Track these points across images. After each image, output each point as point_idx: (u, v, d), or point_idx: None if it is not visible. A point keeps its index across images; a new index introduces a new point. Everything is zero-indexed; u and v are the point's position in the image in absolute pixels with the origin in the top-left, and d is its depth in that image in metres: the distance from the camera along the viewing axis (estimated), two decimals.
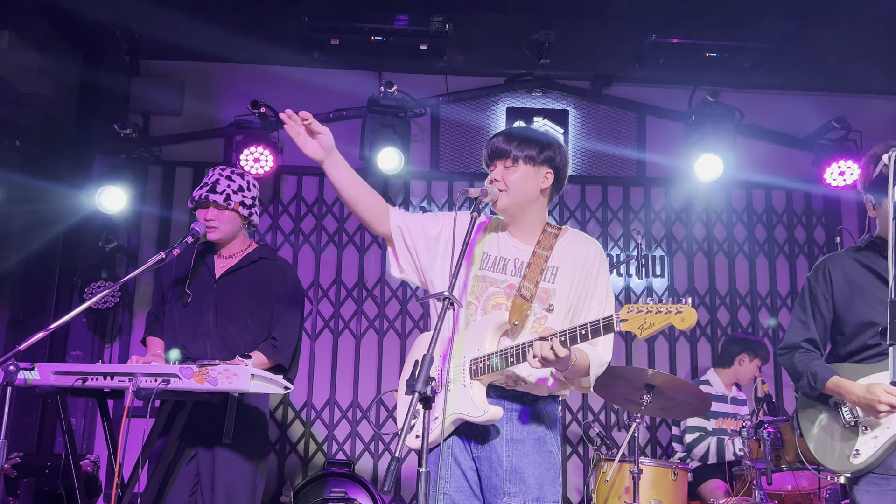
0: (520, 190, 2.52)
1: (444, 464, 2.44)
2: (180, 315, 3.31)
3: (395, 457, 1.95)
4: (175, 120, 5.38)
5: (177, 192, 5.33)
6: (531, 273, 2.48)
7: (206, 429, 3.07)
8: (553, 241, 2.54)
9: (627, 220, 5.51)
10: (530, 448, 2.42)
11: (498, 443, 2.43)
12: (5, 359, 2.64)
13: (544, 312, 2.47)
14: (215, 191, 3.27)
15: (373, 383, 5.24)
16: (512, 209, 2.55)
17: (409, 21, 5.07)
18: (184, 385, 2.75)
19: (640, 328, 2.19)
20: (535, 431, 2.45)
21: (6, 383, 2.63)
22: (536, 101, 5.62)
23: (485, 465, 2.43)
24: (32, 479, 4.00)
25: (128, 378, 2.78)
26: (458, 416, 2.39)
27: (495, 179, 2.53)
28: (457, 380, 2.43)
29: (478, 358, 2.40)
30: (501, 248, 2.57)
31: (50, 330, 2.79)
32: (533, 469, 2.40)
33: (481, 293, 2.51)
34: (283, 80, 5.43)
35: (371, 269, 5.40)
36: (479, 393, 2.39)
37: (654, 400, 3.92)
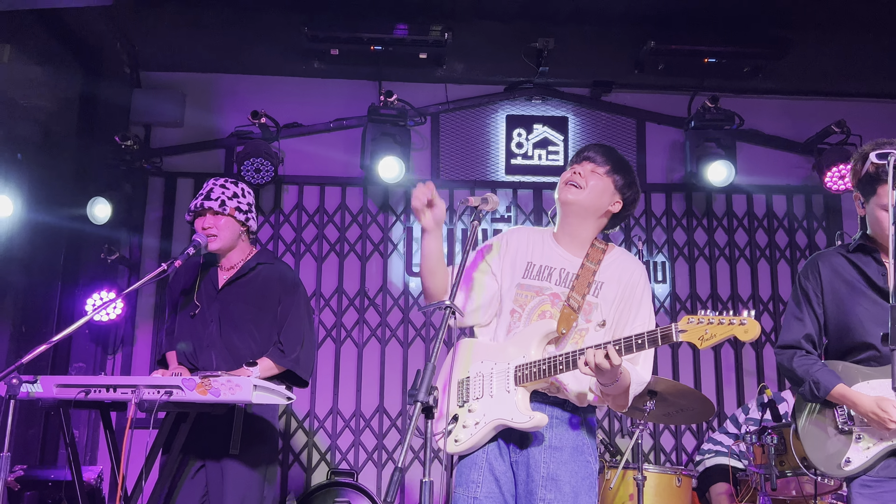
0: (594, 195, 2.55)
1: (477, 469, 2.45)
2: (187, 327, 3.32)
3: (398, 467, 1.95)
4: (176, 131, 5.40)
5: (178, 203, 5.34)
6: (579, 285, 2.50)
7: (214, 440, 3.06)
8: (601, 255, 2.56)
9: (628, 226, 5.51)
10: (568, 456, 2.43)
11: (536, 449, 2.43)
12: (8, 372, 2.65)
13: (585, 324, 2.49)
14: (210, 198, 3.30)
15: (375, 392, 5.23)
16: (577, 209, 2.56)
17: (409, 30, 5.10)
18: (186, 397, 2.75)
19: (701, 339, 2.20)
20: (574, 440, 2.47)
21: (9, 396, 2.63)
22: (536, 108, 5.63)
23: (522, 470, 2.44)
24: (35, 492, 3.99)
25: (130, 390, 2.78)
26: (502, 421, 2.41)
27: (577, 173, 2.55)
28: (499, 386, 2.45)
29: (524, 364, 2.41)
30: (546, 256, 2.59)
31: (52, 342, 2.79)
32: (570, 477, 2.40)
33: (525, 302, 2.54)
34: (283, 90, 5.46)
35: (372, 277, 5.40)
36: (524, 399, 2.42)
37: (658, 406, 3.92)
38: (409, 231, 5.45)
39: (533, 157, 5.54)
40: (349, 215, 5.47)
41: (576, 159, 2.62)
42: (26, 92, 5.03)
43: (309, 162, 5.41)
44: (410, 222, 5.46)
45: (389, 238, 5.46)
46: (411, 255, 5.42)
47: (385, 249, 5.44)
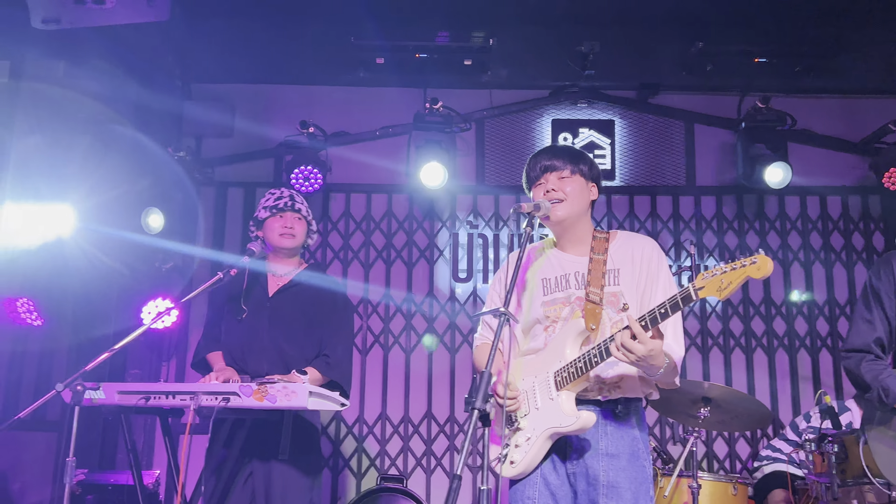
0: (578, 199, 2.59)
1: (532, 484, 2.45)
2: (236, 332, 3.37)
3: (456, 474, 1.95)
4: (226, 142, 5.50)
5: (229, 212, 5.45)
6: (594, 279, 2.52)
7: (262, 444, 3.11)
8: (606, 244, 2.59)
9: (678, 230, 5.44)
10: (626, 463, 2.43)
11: (594, 457, 2.44)
12: (73, 379, 2.72)
13: (618, 315, 2.49)
14: (295, 201, 3.41)
15: (423, 398, 5.24)
16: (570, 219, 2.59)
17: (451, 37, 5.12)
18: (243, 403, 2.79)
19: (719, 290, 2.18)
20: (629, 446, 2.46)
21: (74, 403, 2.71)
22: (582, 112, 5.60)
23: (581, 480, 2.44)
24: (95, 495, 4.09)
25: (189, 397, 2.84)
26: (552, 429, 2.40)
27: (552, 190, 2.57)
28: (543, 396, 2.45)
29: (561, 368, 2.43)
30: (556, 267, 2.62)
31: (114, 350, 2.86)
32: (629, 484, 2.40)
33: (558, 314, 2.56)
34: (330, 99, 5.53)
35: (419, 284, 5.42)
36: (569, 401, 2.42)
37: (712, 413, 3.85)
38: (455, 237, 5.45)
39: None
40: (395, 222, 5.51)
41: (537, 174, 2.62)
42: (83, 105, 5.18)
43: (356, 170, 5.46)
44: (456, 228, 5.47)
45: (435, 244, 5.47)
46: (457, 261, 5.42)
47: (431, 256, 5.46)
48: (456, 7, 5.15)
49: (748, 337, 5.29)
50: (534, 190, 2.63)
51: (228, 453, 3.02)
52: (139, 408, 2.94)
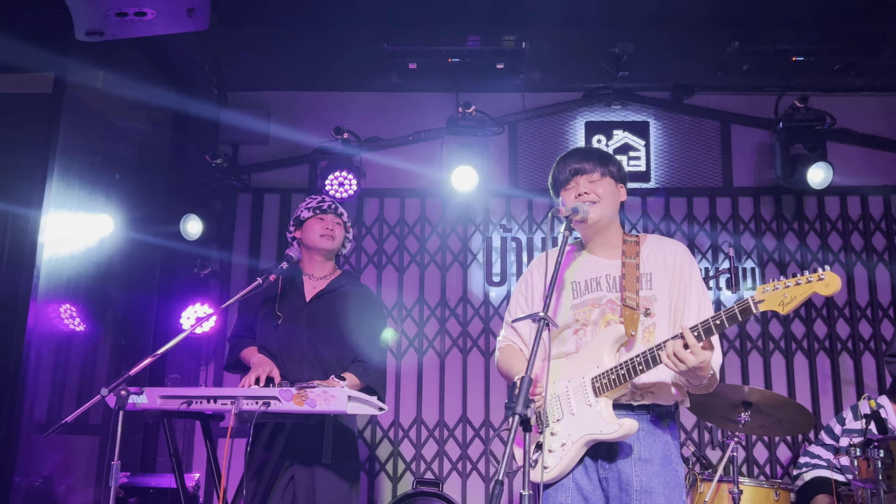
0: (609, 201, 2.58)
1: (564, 490, 2.43)
2: (274, 337, 3.40)
3: (498, 480, 1.95)
4: (262, 148, 5.56)
5: (265, 217, 5.51)
6: (629, 283, 2.50)
7: (303, 448, 3.13)
8: (637, 248, 2.57)
9: (715, 232, 5.38)
10: (659, 467, 2.41)
11: (626, 462, 2.42)
12: (117, 384, 2.77)
13: (651, 320, 2.47)
14: (338, 206, 3.47)
15: (458, 402, 5.24)
16: (602, 222, 2.57)
17: (481, 41, 5.12)
18: (283, 407, 2.82)
19: (781, 304, 2.16)
20: (662, 450, 2.45)
21: (118, 408, 2.76)
22: (616, 113, 5.56)
23: (614, 485, 2.42)
24: (138, 498, 4.16)
25: (230, 401, 2.87)
26: (590, 436, 2.39)
27: (584, 193, 2.55)
28: (579, 401, 2.43)
29: (601, 374, 2.39)
30: (587, 270, 2.61)
31: (156, 356, 2.91)
32: (662, 489, 2.39)
33: (587, 317, 2.53)
34: (363, 105, 5.57)
35: (453, 288, 5.42)
36: (608, 409, 2.39)
37: (753, 418, 3.80)
38: (489, 241, 5.45)
39: None
40: (429, 226, 5.52)
41: (566, 177, 2.61)
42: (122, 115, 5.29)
43: (389, 175, 5.49)
44: (489, 232, 5.47)
45: (469, 248, 5.48)
46: (491, 265, 5.42)
47: (465, 260, 5.46)
48: (487, 11, 5.15)
49: (788, 340, 5.21)
50: (563, 194, 2.62)
51: (269, 457, 3.05)
52: (181, 412, 2.98)
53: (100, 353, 5.00)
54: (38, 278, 3.93)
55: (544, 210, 5.47)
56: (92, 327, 4.80)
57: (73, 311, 4.67)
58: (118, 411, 2.74)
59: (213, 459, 3.15)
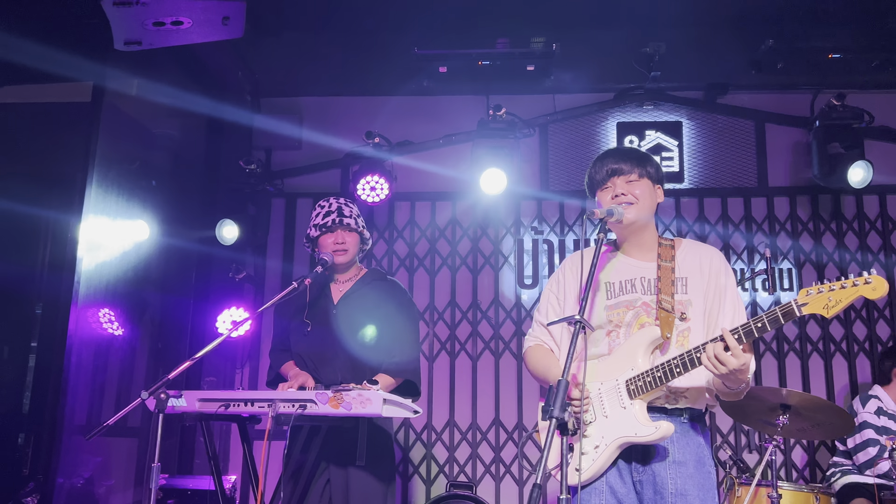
0: (647, 203, 2.56)
1: (597, 493, 2.42)
2: (305, 343, 3.42)
3: (536, 483, 1.94)
4: (295, 153, 5.62)
5: (298, 222, 5.56)
6: (664, 286, 2.48)
7: (338, 450, 3.15)
8: (672, 252, 2.55)
9: (750, 233, 5.31)
10: (693, 470, 2.40)
11: (660, 465, 2.40)
12: (157, 387, 2.81)
13: (685, 324, 2.46)
14: (344, 215, 3.41)
15: (491, 404, 5.24)
16: (639, 223, 2.55)
17: (510, 44, 5.11)
18: (319, 410, 2.84)
19: (826, 307, 2.14)
20: (695, 452, 2.43)
21: (158, 410, 2.79)
22: (648, 114, 5.52)
23: (648, 488, 2.40)
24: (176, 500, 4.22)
25: (267, 404, 2.90)
26: (625, 439, 2.37)
27: (622, 194, 2.53)
28: (612, 404, 2.41)
29: (635, 377, 2.38)
30: (622, 272, 2.58)
31: (195, 359, 2.94)
32: (697, 491, 2.38)
33: (621, 319, 2.52)
34: (394, 109, 5.59)
35: (484, 290, 5.42)
36: (643, 411, 2.38)
37: (791, 421, 3.74)
38: (520, 243, 5.44)
39: None
40: (460, 229, 5.53)
41: (603, 178, 2.57)
42: (158, 122, 5.38)
43: (420, 178, 5.51)
44: (521, 235, 5.46)
45: (500, 251, 5.47)
46: (523, 267, 5.41)
47: (496, 262, 5.46)
48: (516, 13, 5.14)
49: (826, 342, 5.12)
50: (599, 194, 2.59)
51: (306, 459, 3.07)
52: (219, 415, 3.01)
53: (138, 357, 5.08)
54: (79, 283, 4.02)
55: (576, 212, 5.45)
56: (130, 331, 4.88)
57: (111, 315, 4.75)
58: (158, 414, 2.77)
59: (250, 462, 3.18)
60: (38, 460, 3.98)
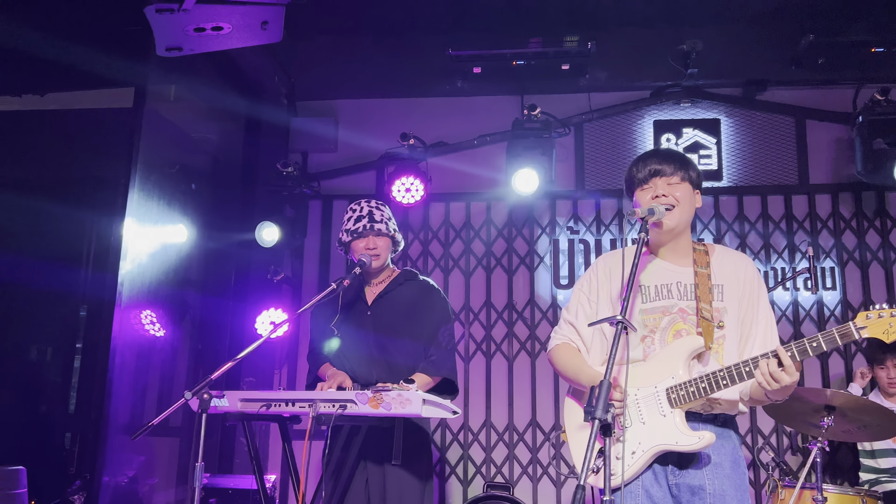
0: (688, 207, 2.53)
1: (633, 497, 2.40)
2: (342, 345, 3.43)
3: (580, 485, 1.93)
4: (331, 155, 5.67)
5: (334, 224, 5.60)
6: (703, 294, 2.45)
7: (377, 450, 3.16)
8: (707, 258, 2.52)
9: (791, 231, 5.22)
10: (730, 471, 2.40)
11: (698, 468, 2.39)
12: (200, 387, 2.84)
13: (721, 332, 2.44)
14: (375, 220, 3.41)
15: (528, 405, 5.23)
16: (679, 227, 2.52)
17: (542, 43, 5.10)
18: (359, 410, 2.86)
19: (886, 333, 2.15)
20: (731, 454, 2.43)
21: (201, 410, 2.83)
22: (685, 111, 5.46)
23: (685, 492, 2.39)
24: (217, 499, 4.28)
25: (308, 404, 2.92)
26: (664, 447, 2.36)
27: (662, 195, 2.49)
28: (650, 411, 2.40)
29: (677, 386, 2.37)
30: (657, 276, 2.54)
31: (237, 360, 2.98)
32: (734, 492, 2.37)
33: (656, 324, 2.48)
34: (428, 110, 5.62)
35: (520, 291, 5.41)
36: (683, 420, 2.37)
37: (836, 422, 3.66)
38: (556, 243, 5.42)
39: None
40: (495, 229, 5.52)
41: (644, 177, 2.52)
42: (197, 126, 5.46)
43: (455, 179, 5.52)
44: (556, 235, 5.43)
45: (535, 251, 5.45)
46: (558, 267, 5.38)
47: (531, 262, 5.44)
48: (551, 12, 5.13)
49: None
50: (638, 193, 2.55)
51: (346, 459, 3.09)
52: (260, 415, 3.05)
53: (179, 357, 5.16)
54: (122, 285, 4.09)
55: (612, 211, 5.41)
56: (171, 332, 4.96)
57: (153, 316, 4.83)
58: (201, 414, 2.81)
59: (291, 461, 3.21)
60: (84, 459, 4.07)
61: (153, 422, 2.90)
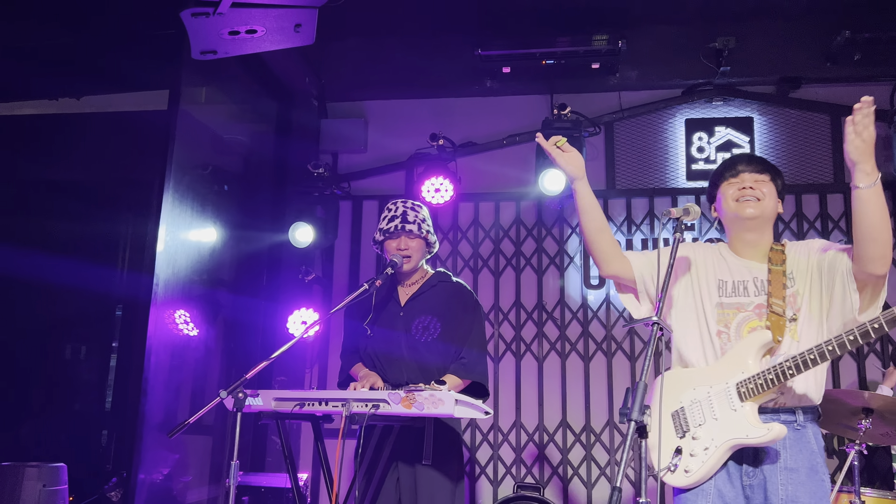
0: (770, 204, 2.56)
1: (704, 496, 2.41)
2: (374, 345, 3.45)
3: (616, 486, 1.92)
4: (360, 156, 5.70)
5: (364, 224, 5.63)
6: (775, 289, 2.47)
7: (409, 450, 3.17)
8: (782, 256, 2.54)
9: (826, 230, 5.14)
10: (805, 477, 2.37)
11: (772, 471, 2.39)
12: (235, 387, 2.88)
13: (794, 324, 2.44)
14: (407, 221, 3.41)
15: (558, 406, 5.21)
16: (759, 219, 2.55)
17: (571, 42, 5.07)
18: (392, 410, 2.87)
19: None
20: (809, 460, 2.40)
21: (237, 409, 2.86)
22: (717, 110, 5.40)
23: (758, 493, 2.39)
24: (250, 497, 4.32)
25: (341, 404, 2.94)
26: (736, 441, 2.36)
27: (749, 188, 2.53)
28: (722, 406, 2.41)
29: (746, 380, 2.38)
30: (734, 271, 2.57)
31: (272, 359, 3.00)
32: (808, 499, 2.35)
33: (729, 320, 2.51)
34: (457, 110, 5.62)
35: (550, 291, 5.39)
36: (754, 413, 2.37)
37: (874, 425, 3.60)
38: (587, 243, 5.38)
39: (716, 161, 5.32)
40: (524, 229, 5.51)
41: (734, 172, 2.59)
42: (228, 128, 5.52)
43: (484, 178, 5.52)
44: None
45: (565, 251, 5.43)
46: (589, 267, 5.36)
47: (561, 262, 5.42)
48: (581, 10, 5.11)
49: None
50: (723, 186, 2.60)
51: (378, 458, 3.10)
52: (294, 414, 3.07)
53: (212, 356, 5.22)
54: (158, 286, 4.15)
55: (643, 211, 5.37)
56: (205, 331, 5.02)
57: (187, 316, 4.89)
58: (236, 413, 2.84)
59: (323, 460, 3.23)
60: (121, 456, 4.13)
61: (190, 420, 2.93)
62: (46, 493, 3.49)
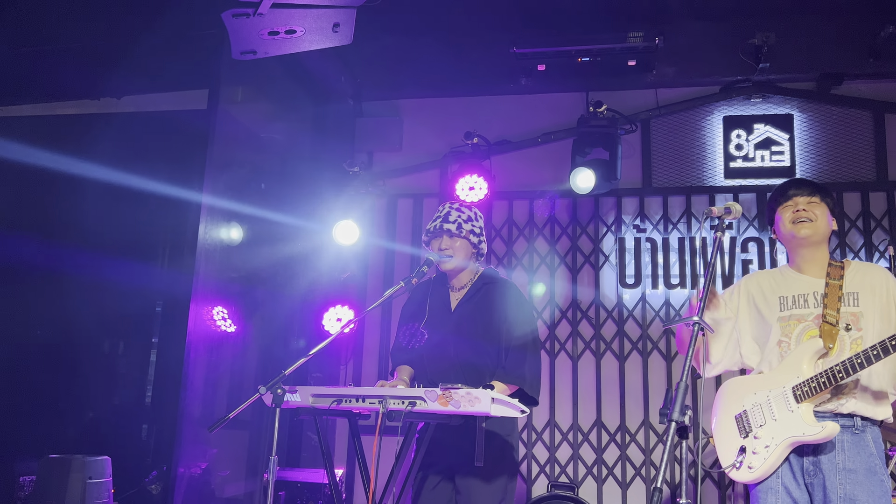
0: (823, 223, 2.77)
1: (774, 493, 2.62)
2: (424, 348, 3.44)
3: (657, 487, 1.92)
4: (395, 154, 5.72)
5: (399, 222, 5.66)
6: (830, 301, 2.67)
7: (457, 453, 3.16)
8: (840, 272, 2.73)
9: (868, 229, 5.04)
10: (863, 477, 2.53)
11: (831, 471, 2.56)
12: (274, 382, 2.91)
13: (858, 333, 2.63)
14: (448, 220, 3.40)
15: (592, 405, 5.18)
16: (814, 238, 2.75)
17: (608, 39, 5.04)
18: (428, 408, 2.87)
19: None
20: (866, 462, 2.56)
21: (275, 405, 2.90)
22: (756, 107, 5.33)
23: (818, 491, 2.57)
24: (286, 492, 4.37)
25: (378, 401, 2.96)
26: (793, 439, 2.57)
27: (802, 210, 2.75)
28: (780, 408, 2.64)
29: (801, 383, 2.60)
30: (793, 286, 2.79)
31: (309, 356, 3.04)
32: (867, 497, 2.50)
33: (790, 331, 2.73)
34: (492, 109, 5.61)
35: (584, 289, 5.36)
36: (809, 413, 2.58)
37: None
38: (622, 242, 5.35)
39: (755, 159, 5.25)
40: (559, 228, 5.49)
41: (783, 198, 2.82)
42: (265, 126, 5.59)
43: (518, 176, 5.51)
44: (622, 233, 5.37)
45: (601, 249, 5.40)
46: (624, 266, 5.32)
47: (596, 261, 5.39)
48: (616, 7, 5.07)
49: None
50: (780, 210, 2.82)
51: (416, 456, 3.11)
52: (332, 410, 3.09)
53: (249, 352, 5.29)
54: (198, 282, 4.21)
55: (680, 209, 5.31)
56: (242, 328, 5.09)
57: (225, 312, 4.96)
58: (275, 409, 2.87)
59: (360, 457, 3.25)
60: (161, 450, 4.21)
61: (230, 415, 2.97)
62: (91, 485, 3.57)
